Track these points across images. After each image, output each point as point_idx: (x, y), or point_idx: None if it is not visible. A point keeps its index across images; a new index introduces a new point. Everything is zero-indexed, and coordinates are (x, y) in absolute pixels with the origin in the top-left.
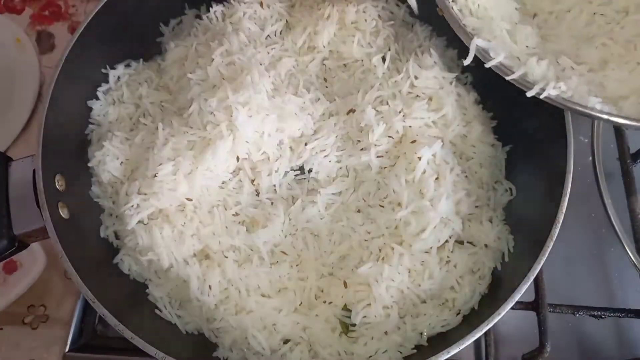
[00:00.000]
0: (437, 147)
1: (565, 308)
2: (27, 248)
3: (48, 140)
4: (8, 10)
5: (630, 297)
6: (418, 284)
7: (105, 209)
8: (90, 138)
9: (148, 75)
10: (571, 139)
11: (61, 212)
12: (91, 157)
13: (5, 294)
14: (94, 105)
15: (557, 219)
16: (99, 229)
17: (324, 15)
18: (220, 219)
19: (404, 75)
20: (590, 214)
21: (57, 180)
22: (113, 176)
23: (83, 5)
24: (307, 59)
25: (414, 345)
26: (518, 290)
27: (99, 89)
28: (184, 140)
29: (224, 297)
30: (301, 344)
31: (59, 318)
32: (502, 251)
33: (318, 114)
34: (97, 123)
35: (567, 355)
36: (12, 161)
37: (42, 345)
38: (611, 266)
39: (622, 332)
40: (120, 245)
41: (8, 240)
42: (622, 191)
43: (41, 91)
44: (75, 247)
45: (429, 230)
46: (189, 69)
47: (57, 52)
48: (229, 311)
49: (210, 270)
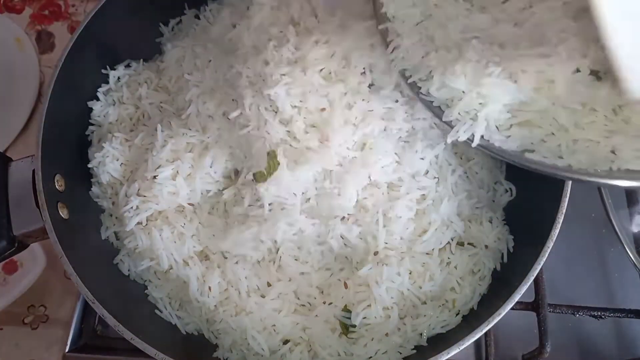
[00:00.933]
0: (439, 148)
1: (565, 308)
2: (27, 248)
3: (48, 140)
4: (8, 10)
5: (630, 297)
6: (419, 285)
7: (105, 209)
8: (91, 139)
9: (148, 76)
10: None
11: (61, 212)
12: (91, 158)
13: (5, 294)
14: (94, 105)
15: (557, 219)
16: (99, 230)
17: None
18: (220, 219)
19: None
20: (590, 214)
21: (56, 180)
22: (113, 177)
23: (83, 5)
24: None
25: (413, 346)
26: (518, 291)
27: (99, 90)
28: (183, 141)
29: (224, 298)
30: (301, 344)
31: (59, 318)
32: (502, 252)
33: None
34: (97, 124)
35: (567, 355)
36: (11, 161)
37: (42, 345)
38: (611, 266)
39: (622, 332)
40: (120, 246)
41: (8, 240)
42: (622, 191)
43: (41, 91)
44: (75, 247)
45: (430, 232)
46: (186, 69)
47: (57, 52)
48: (229, 312)
49: (209, 272)
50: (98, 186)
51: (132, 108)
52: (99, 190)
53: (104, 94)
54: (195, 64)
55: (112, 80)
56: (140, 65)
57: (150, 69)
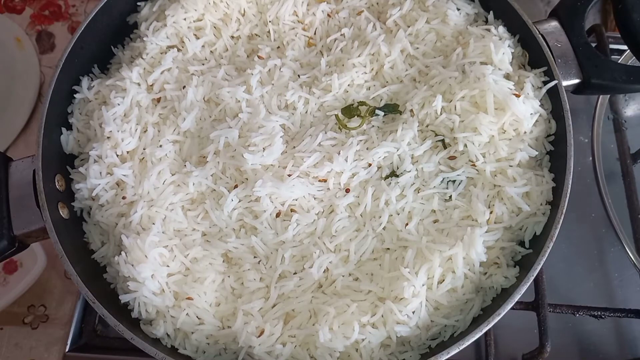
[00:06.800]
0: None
1: (565, 308)
2: (27, 248)
3: (48, 140)
4: (8, 10)
5: (630, 297)
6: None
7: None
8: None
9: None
10: (571, 139)
11: (61, 212)
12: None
13: (6, 294)
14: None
15: (557, 219)
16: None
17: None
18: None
19: None
20: (590, 214)
21: (57, 180)
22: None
23: (83, 5)
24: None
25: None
26: (518, 291)
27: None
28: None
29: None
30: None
31: (59, 318)
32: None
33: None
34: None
35: (567, 355)
36: (12, 161)
37: (42, 345)
38: (611, 266)
39: (622, 332)
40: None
41: (8, 240)
42: (622, 191)
43: (41, 91)
44: (75, 247)
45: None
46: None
47: (57, 52)
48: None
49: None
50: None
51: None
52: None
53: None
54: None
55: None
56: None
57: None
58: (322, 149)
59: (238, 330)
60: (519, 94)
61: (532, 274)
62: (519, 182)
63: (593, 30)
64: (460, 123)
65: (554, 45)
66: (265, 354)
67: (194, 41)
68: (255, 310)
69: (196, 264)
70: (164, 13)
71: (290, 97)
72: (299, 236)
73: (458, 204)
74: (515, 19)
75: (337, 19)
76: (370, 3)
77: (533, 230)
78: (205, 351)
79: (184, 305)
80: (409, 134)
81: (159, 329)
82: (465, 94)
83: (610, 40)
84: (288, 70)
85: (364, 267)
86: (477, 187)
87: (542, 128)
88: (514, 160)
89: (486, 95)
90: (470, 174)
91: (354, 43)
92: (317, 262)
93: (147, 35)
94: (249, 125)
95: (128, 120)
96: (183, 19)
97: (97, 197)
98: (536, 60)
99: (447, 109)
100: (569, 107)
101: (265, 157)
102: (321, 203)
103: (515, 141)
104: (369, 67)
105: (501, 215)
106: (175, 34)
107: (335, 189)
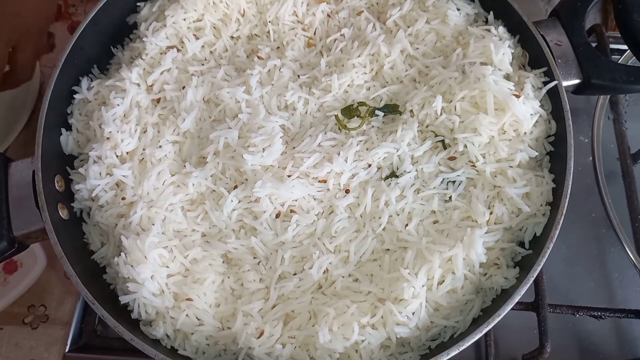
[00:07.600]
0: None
1: (565, 308)
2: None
3: (48, 141)
4: None
5: (630, 297)
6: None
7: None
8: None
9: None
10: (571, 140)
11: (61, 213)
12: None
13: (6, 294)
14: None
15: (557, 220)
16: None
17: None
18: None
19: None
20: (590, 214)
21: (56, 181)
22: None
23: (83, 5)
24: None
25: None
26: (518, 292)
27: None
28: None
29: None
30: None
31: (59, 318)
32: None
33: None
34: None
35: (567, 355)
36: (11, 162)
37: (42, 345)
38: (611, 266)
39: (622, 332)
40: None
41: (8, 241)
42: (622, 191)
43: (41, 91)
44: (75, 248)
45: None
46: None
47: (57, 52)
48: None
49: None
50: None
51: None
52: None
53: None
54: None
55: None
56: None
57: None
58: (322, 149)
59: (238, 331)
60: (519, 94)
61: (532, 275)
62: (519, 183)
63: (593, 30)
64: (460, 123)
65: (554, 45)
66: (265, 355)
67: (194, 41)
68: (255, 311)
69: (196, 265)
70: (163, 13)
71: (290, 98)
72: (298, 237)
73: (458, 205)
74: (515, 19)
75: (337, 19)
76: (370, 3)
77: (533, 231)
78: (205, 352)
79: (184, 306)
80: (408, 135)
81: (159, 329)
82: (465, 95)
83: (610, 40)
84: (288, 70)
85: (364, 267)
86: (477, 187)
87: (542, 128)
88: (514, 160)
89: (486, 95)
90: (470, 174)
91: (353, 43)
92: (317, 263)
93: (147, 35)
94: (248, 126)
95: (128, 120)
96: (183, 19)
97: (97, 198)
98: (536, 60)
99: (447, 110)
100: (569, 108)
101: (265, 157)
102: (321, 204)
103: (515, 142)
104: (369, 67)
105: (501, 216)
106: (175, 34)
107: (335, 189)
